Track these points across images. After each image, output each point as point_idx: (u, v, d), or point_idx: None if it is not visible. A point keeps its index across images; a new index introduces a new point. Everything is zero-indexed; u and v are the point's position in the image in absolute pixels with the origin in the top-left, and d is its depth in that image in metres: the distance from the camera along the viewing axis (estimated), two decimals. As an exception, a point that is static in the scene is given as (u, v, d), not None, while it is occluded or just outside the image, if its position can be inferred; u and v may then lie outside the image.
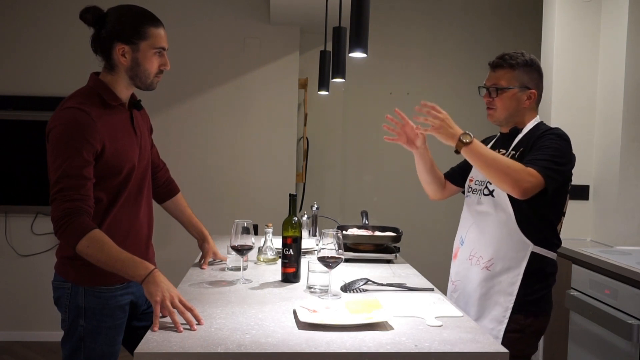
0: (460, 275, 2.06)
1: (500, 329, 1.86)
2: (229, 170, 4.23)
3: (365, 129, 4.47)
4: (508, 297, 1.87)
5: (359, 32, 1.77)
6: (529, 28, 4.32)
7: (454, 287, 2.10)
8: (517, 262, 1.87)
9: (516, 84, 1.94)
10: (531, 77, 1.95)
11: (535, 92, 1.96)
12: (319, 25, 3.48)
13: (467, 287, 2.00)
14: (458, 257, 2.10)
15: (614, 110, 3.06)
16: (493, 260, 1.91)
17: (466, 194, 2.13)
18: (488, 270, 1.92)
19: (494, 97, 1.97)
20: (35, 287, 4.06)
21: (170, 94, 4.11)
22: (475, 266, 1.97)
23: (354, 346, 1.36)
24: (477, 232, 2.00)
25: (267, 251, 2.34)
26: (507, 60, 1.94)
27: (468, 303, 1.99)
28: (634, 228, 3.03)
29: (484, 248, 1.95)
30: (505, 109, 1.96)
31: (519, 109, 1.96)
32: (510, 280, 1.87)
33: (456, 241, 2.14)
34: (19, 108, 4.02)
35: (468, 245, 2.04)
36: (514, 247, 1.88)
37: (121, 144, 1.79)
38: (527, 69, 1.94)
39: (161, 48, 1.80)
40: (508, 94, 1.94)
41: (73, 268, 1.76)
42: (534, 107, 1.99)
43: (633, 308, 2.36)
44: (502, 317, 1.87)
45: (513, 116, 1.97)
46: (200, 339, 1.40)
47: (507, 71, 1.94)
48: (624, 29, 3.00)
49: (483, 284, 1.93)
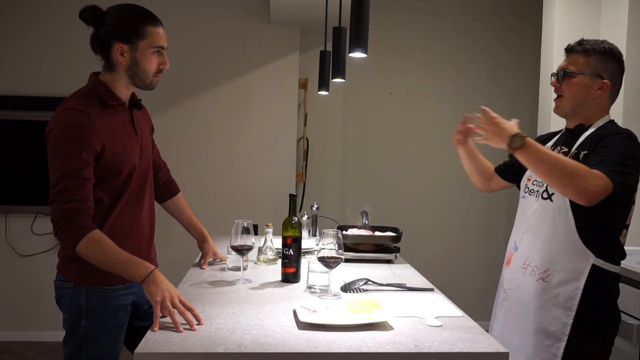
0: (514, 283, 1.87)
1: (560, 347, 1.70)
2: (229, 170, 4.23)
3: (365, 129, 4.47)
4: (567, 311, 1.70)
5: (359, 32, 1.77)
6: (529, 28, 4.32)
7: (505, 295, 1.91)
8: (576, 275, 1.70)
9: (587, 70, 1.75)
10: (606, 67, 1.76)
11: (609, 84, 1.76)
12: (319, 25, 3.48)
13: (522, 298, 1.82)
14: (512, 263, 1.90)
15: (614, 111, 3.05)
16: (549, 271, 1.74)
17: (522, 194, 1.93)
18: (544, 282, 1.75)
19: (561, 83, 1.79)
20: (35, 287, 4.06)
21: (170, 94, 4.12)
22: (529, 276, 1.80)
23: (354, 346, 1.36)
24: (533, 239, 1.81)
25: (267, 251, 2.34)
26: (582, 45, 1.77)
27: (522, 315, 1.82)
28: (634, 228, 3.02)
29: (540, 257, 1.77)
30: (572, 97, 1.77)
31: (587, 99, 1.76)
32: (569, 294, 1.70)
33: (509, 246, 1.96)
34: (19, 108, 4.02)
35: (522, 252, 1.85)
36: (573, 258, 1.70)
37: (121, 144, 1.79)
38: (604, 57, 1.76)
39: (160, 47, 1.80)
40: (576, 80, 1.76)
41: (75, 268, 1.77)
42: (605, 103, 1.80)
43: (633, 308, 2.36)
44: (561, 333, 1.71)
45: (580, 107, 1.78)
46: (200, 339, 1.40)
47: (580, 56, 1.77)
48: (624, 29, 3.00)
49: (540, 296, 1.76)
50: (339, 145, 4.45)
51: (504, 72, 4.45)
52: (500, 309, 1.95)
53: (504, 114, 1.71)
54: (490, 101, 4.43)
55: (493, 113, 1.68)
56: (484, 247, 4.47)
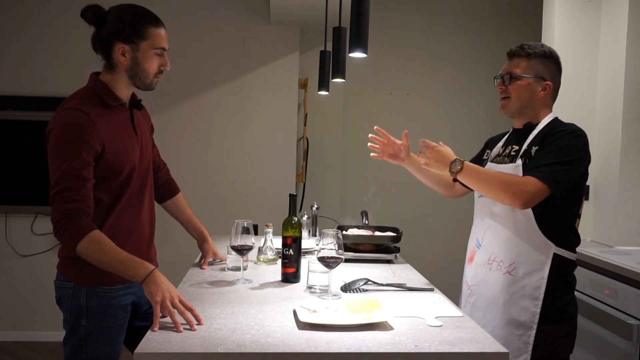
0: (478, 279, 1.96)
1: (530, 335, 1.80)
2: (229, 170, 4.23)
3: (365, 129, 4.41)
4: (534, 301, 1.80)
5: (359, 32, 1.77)
6: (529, 28, 4.32)
7: (469, 291, 2.00)
8: (540, 265, 1.81)
9: (531, 73, 1.88)
10: (548, 69, 1.89)
11: (551, 85, 1.89)
12: (319, 25, 3.48)
13: (488, 293, 1.91)
14: (475, 260, 2.00)
15: (613, 111, 3.06)
16: (515, 264, 1.84)
17: (478, 194, 2.06)
18: (510, 275, 1.84)
19: (507, 85, 1.90)
20: (35, 287, 4.06)
21: (171, 94, 4.12)
22: (496, 271, 1.89)
23: (354, 346, 1.36)
24: (495, 235, 1.92)
25: (267, 251, 2.34)
26: (524, 49, 1.89)
27: (490, 309, 1.90)
28: (634, 228, 3.03)
29: (504, 252, 1.87)
30: (518, 99, 1.89)
31: (532, 100, 1.89)
32: (535, 284, 1.81)
33: (471, 243, 2.07)
34: (19, 108, 4.02)
35: (486, 248, 1.95)
36: (536, 249, 1.82)
37: (121, 144, 1.79)
38: (544, 60, 1.88)
39: (161, 48, 1.80)
40: (522, 83, 1.88)
41: (75, 268, 1.77)
42: (549, 101, 1.92)
43: (633, 308, 2.36)
44: (530, 322, 1.80)
45: (526, 108, 1.90)
46: (200, 339, 1.40)
47: (522, 59, 1.89)
48: (624, 29, 3.00)
49: (507, 289, 1.85)
50: (339, 145, 4.45)
51: (504, 72, 4.44)
52: (464, 306, 2.02)
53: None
54: (490, 101, 4.44)
55: (433, 143, 1.89)
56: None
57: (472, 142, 4.56)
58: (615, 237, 3.03)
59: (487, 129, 2.28)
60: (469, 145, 4.32)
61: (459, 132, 4.40)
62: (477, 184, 1.82)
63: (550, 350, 1.81)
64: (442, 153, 1.86)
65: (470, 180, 1.82)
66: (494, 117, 4.51)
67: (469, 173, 1.81)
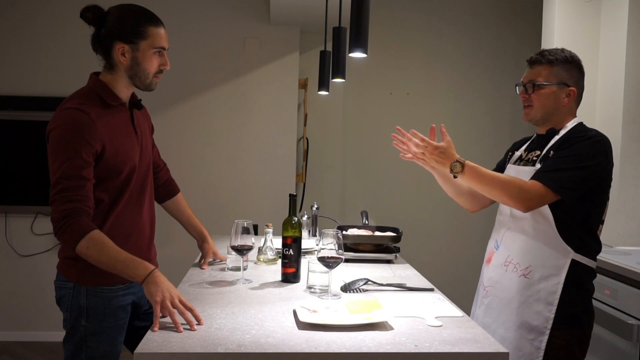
0: (494, 281, 1.94)
1: (542, 340, 1.78)
2: (229, 170, 4.23)
3: (365, 129, 4.47)
4: (549, 306, 1.78)
5: (359, 32, 1.77)
6: (529, 28, 4.32)
7: (485, 292, 1.98)
8: (557, 270, 1.78)
9: (554, 80, 1.84)
10: (570, 74, 1.86)
11: (575, 90, 1.86)
12: (319, 25, 3.48)
13: (502, 295, 1.89)
14: (492, 261, 1.98)
15: (614, 110, 3.06)
16: (531, 267, 1.82)
17: None
18: (526, 278, 1.82)
19: (530, 94, 1.87)
20: (35, 287, 4.06)
21: (171, 94, 4.11)
22: (511, 273, 1.87)
23: (354, 346, 1.36)
24: (514, 238, 1.90)
25: (267, 251, 2.34)
26: (545, 56, 1.86)
27: (504, 311, 1.88)
28: (634, 228, 3.03)
29: (521, 254, 1.85)
30: (542, 107, 1.86)
31: (557, 108, 1.86)
32: (551, 289, 1.78)
33: (490, 245, 2.04)
34: (19, 108, 4.02)
35: (504, 250, 1.93)
36: (553, 254, 1.79)
37: (122, 144, 1.79)
38: (567, 66, 1.85)
39: (161, 48, 1.80)
40: (546, 91, 1.85)
41: (75, 268, 1.77)
42: (573, 107, 1.89)
43: (633, 308, 2.36)
44: (543, 327, 1.78)
45: (550, 115, 1.87)
46: (200, 339, 1.40)
47: (545, 67, 1.85)
48: (624, 29, 3.00)
49: (522, 292, 1.83)
50: (339, 145, 4.45)
51: (504, 72, 4.44)
52: (479, 306, 2.01)
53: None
54: (490, 101, 4.43)
55: (435, 143, 1.83)
56: (483, 247, 4.43)
57: (472, 142, 4.59)
58: (615, 237, 3.03)
59: (487, 129, 2.28)
60: (469, 145, 4.35)
61: (459, 132, 4.39)
62: (478, 184, 1.79)
63: (561, 356, 1.78)
64: (445, 154, 1.81)
65: (471, 179, 1.79)
66: (494, 117, 4.51)
67: (471, 172, 1.78)
